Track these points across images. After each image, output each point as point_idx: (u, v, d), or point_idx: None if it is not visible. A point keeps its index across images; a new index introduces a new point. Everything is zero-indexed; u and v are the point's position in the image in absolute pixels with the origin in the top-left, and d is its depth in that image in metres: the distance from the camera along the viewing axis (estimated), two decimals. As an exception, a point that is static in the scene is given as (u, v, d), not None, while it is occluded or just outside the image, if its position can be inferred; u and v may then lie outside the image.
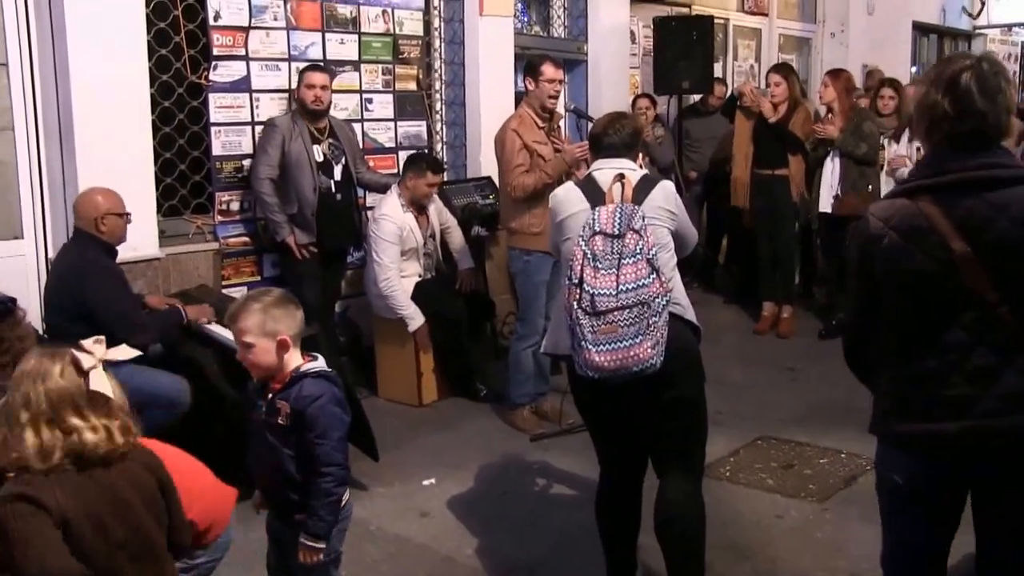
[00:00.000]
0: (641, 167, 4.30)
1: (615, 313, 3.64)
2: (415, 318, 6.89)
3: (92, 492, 2.75)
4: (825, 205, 8.43)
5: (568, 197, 4.10)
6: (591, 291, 3.67)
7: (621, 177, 3.98)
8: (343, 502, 3.57)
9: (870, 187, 8.24)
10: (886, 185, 8.31)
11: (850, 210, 8.16)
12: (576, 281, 3.72)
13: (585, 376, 3.75)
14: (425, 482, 5.68)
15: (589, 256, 3.72)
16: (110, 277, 5.30)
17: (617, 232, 3.73)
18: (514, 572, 4.68)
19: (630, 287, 3.64)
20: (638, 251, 3.68)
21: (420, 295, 6.99)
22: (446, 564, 4.75)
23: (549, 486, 5.65)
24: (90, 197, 5.35)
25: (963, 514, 3.01)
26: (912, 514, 3.02)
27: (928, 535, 3.04)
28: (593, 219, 3.79)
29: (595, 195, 3.97)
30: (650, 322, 3.64)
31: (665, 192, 4.01)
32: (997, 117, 2.79)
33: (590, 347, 3.67)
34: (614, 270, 3.68)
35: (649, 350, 3.64)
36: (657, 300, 3.66)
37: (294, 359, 3.51)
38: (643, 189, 3.96)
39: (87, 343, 2.88)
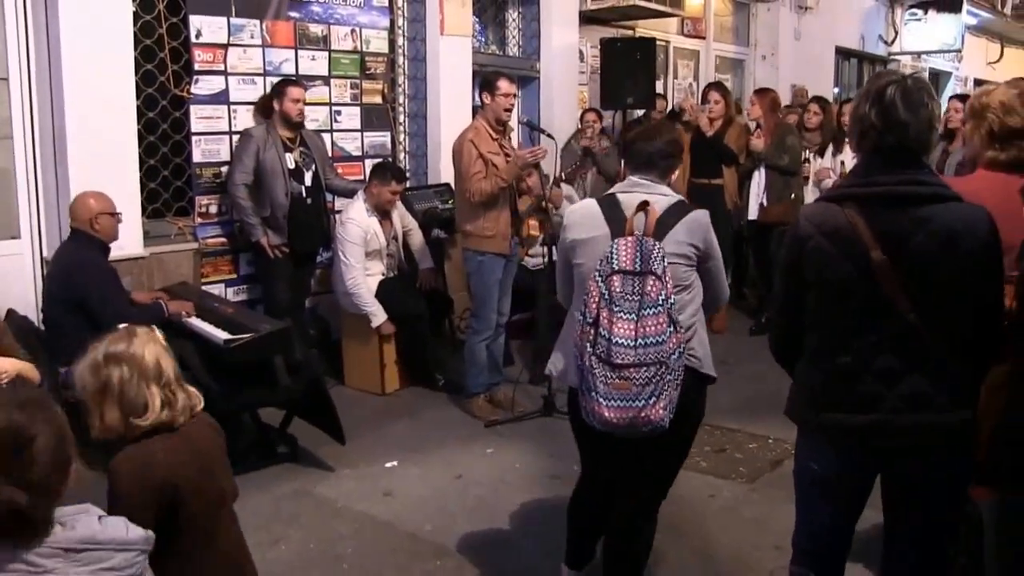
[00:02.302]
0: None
1: (632, 369, 3.22)
2: (378, 315, 6.90)
3: (186, 448, 2.89)
4: (753, 213, 8.51)
5: (586, 216, 3.61)
6: (607, 336, 3.24)
7: (645, 205, 3.47)
8: None
9: (793, 196, 8.31)
10: (810, 195, 8.39)
11: (775, 218, 8.27)
12: (591, 320, 3.30)
13: (591, 425, 3.39)
14: (388, 464, 5.70)
15: (606, 297, 3.28)
16: (104, 274, 5.33)
17: (637, 270, 3.28)
18: (469, 546, 4.70)
19: (650, 341, 3.21)
20: (659, 302, 3.24)
21: (383, 293, 7.00)
22: (407, 539, 4.77)
23: (502, 468, 5.66)
24: (83, 200, 5.39)
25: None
26: (823, 499, 3.06)
27: (836, 519, 3.07)
28: (611, 254, 3.32)
29: (616, 221, 3.49)
30: (666, 380, 3.25)
31: (690, 226, 3.50)
32: (919, 130, 2.79)
33: (600, 399, 3.27)
34: (633, 317, 3.24)
35: (661, 411, 3.26)
36: (673, 357, 3.25)
37: None
38: (667, 222, 3.47)
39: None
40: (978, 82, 19.12)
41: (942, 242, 2.72)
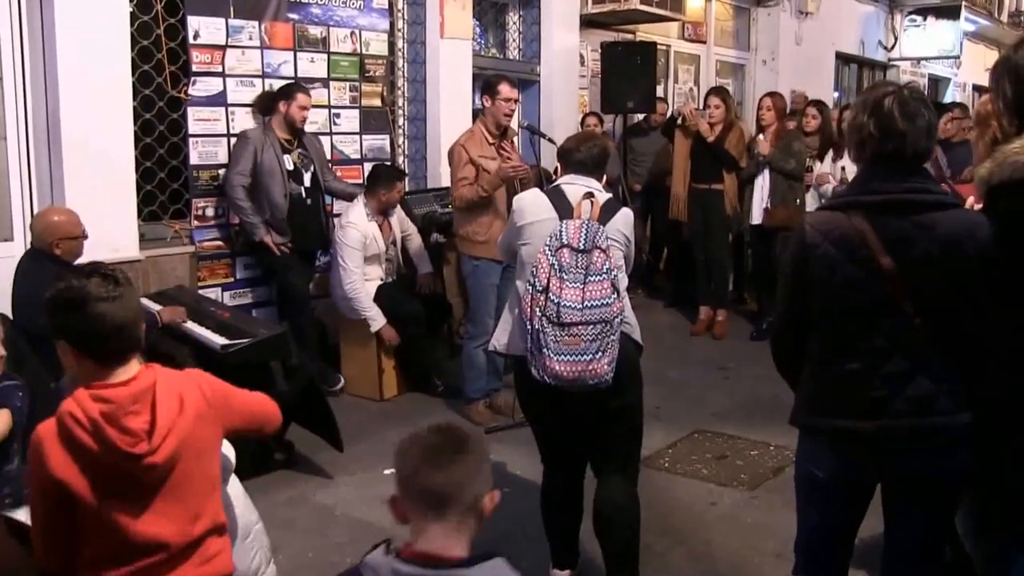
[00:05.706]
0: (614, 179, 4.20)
1: (579, 327, 3.59)
2: (377, 319, 6.85)
3: None
4: (756, 217, 8.47)
5: (535, 203, 3.96)
6: (557, 301, 3.61)
7: (591, 195, 3.87)
8: None
9: (797, 200, 8.28)
10: (811, 200, 8.34)
11: (779, 222, 8.22)
12: (541, 288, 3.65)
13: (542, 381, 3.70)
14: (386, 471, 5.60)
15: (556, 267, 3.65)
16: None
17: (583, 247, 3.68)
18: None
19: (595, 304, 3.61)
20: (604, 270, 3.65)
21: (382, 297, 6.94)
22: (406, 547, 4.72)
23: (502, 476, 5.58)
24: (47, 219, 5.15)
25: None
26: (824, 504, 3.08)
27: (837, 524, 3.09)
28: (561, 231, 3.71)
29: (563, 207, 3.85)
30: (609, 339, 3.63)
31: (626, 218, 3.94)
32: (916, 138, 2.81)
33: (552, 355, 3.62)
34: (580, 284, 3.63)
35: (606, 366, 3.63)
36: (616, 319, 3.65)
37: None
38: (608, 211, 3.87)
39: None
40: (976, 88, 19.18)
41: (945, 247, 2.76)
